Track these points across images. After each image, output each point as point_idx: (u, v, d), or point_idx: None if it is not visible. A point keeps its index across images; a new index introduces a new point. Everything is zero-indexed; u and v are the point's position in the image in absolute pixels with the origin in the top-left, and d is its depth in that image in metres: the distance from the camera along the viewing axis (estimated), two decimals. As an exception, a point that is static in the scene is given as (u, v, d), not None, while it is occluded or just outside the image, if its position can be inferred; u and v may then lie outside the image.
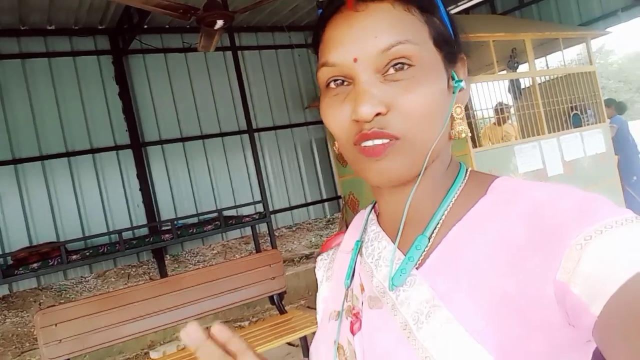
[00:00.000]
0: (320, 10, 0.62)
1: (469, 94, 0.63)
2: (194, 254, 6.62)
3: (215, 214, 5.49)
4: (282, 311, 4.02)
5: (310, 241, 7.58)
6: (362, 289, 0.63)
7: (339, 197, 7.18)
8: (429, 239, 0.59)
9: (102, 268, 5.95)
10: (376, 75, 0.55)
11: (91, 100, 6.02)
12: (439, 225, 0.59)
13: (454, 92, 0.60)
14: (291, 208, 7.38)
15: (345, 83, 0.58)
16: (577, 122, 5.38)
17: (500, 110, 5.18)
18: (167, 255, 6.28)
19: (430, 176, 0.60)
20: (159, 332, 4.79)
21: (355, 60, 0.55)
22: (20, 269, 4.46)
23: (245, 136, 6.75)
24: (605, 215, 0.47)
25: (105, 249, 4.71)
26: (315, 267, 0.79)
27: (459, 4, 7.63)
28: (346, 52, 0.56)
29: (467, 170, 0.63)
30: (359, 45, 0.55)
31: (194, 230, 5.18)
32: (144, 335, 4.17)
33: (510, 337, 0.49)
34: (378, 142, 0.55)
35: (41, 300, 5.00)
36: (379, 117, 0.54)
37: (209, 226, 5.26)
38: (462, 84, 0.60)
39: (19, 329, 4.87)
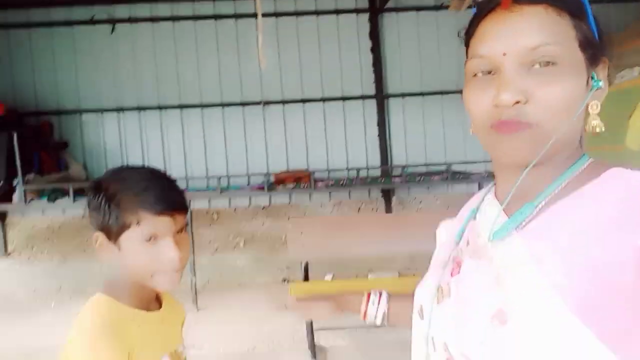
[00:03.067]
0: (475, 8, 0.69)
1: (605, 94, 0.68)
2: (418, 200, 6.99)
3: (444, 167, 5.77)
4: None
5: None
6: (467, 244, 0.75)
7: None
8: (536, 207, 0.66)
9: (338, 198, 6.78)
10: (521, 68, 0.62)
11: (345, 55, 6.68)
12: (547, 198, 0.66)
13: (590, 90, 0.65)
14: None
15: (491, 73, 0.65)
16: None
17: None
18: (394, 197, 6.77)
19: (552, 160, 0.66)
20: (374, 259, 5.26)
21: (504, 54, 0.63)
22: (279, 186, 5.59)
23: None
24: None
25: (345, 182, 5.47)
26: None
27: None
28: (496, 46, 0.63)
29: (588, 160, 0.69)
30: (509, 42, 0.62)
31: (422, 179, 5.59)
32: (367, 258, 4.74)
33: (591, 297, 0.55)
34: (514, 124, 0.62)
35: (290, 215, 6.03)
36: (518, 105, 0.61)
37: (436, 177, 5.57)
38: (601, 84, 0.65)
39: (273, 232, 6.05)
